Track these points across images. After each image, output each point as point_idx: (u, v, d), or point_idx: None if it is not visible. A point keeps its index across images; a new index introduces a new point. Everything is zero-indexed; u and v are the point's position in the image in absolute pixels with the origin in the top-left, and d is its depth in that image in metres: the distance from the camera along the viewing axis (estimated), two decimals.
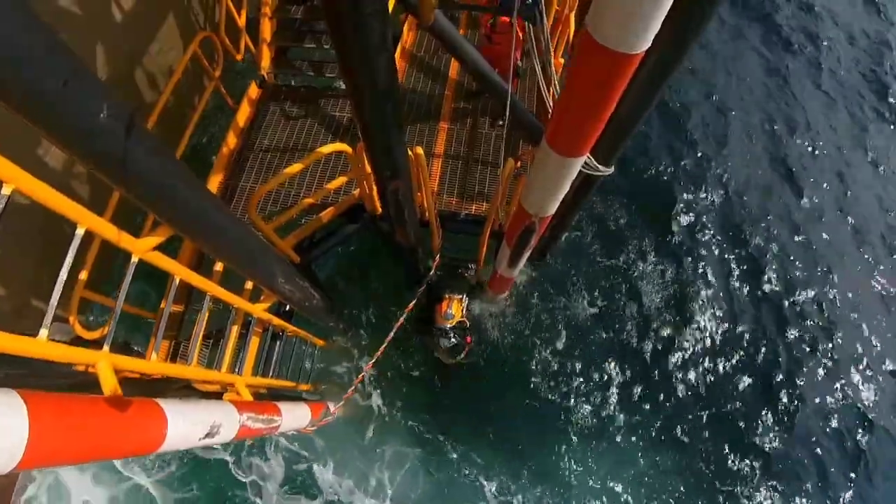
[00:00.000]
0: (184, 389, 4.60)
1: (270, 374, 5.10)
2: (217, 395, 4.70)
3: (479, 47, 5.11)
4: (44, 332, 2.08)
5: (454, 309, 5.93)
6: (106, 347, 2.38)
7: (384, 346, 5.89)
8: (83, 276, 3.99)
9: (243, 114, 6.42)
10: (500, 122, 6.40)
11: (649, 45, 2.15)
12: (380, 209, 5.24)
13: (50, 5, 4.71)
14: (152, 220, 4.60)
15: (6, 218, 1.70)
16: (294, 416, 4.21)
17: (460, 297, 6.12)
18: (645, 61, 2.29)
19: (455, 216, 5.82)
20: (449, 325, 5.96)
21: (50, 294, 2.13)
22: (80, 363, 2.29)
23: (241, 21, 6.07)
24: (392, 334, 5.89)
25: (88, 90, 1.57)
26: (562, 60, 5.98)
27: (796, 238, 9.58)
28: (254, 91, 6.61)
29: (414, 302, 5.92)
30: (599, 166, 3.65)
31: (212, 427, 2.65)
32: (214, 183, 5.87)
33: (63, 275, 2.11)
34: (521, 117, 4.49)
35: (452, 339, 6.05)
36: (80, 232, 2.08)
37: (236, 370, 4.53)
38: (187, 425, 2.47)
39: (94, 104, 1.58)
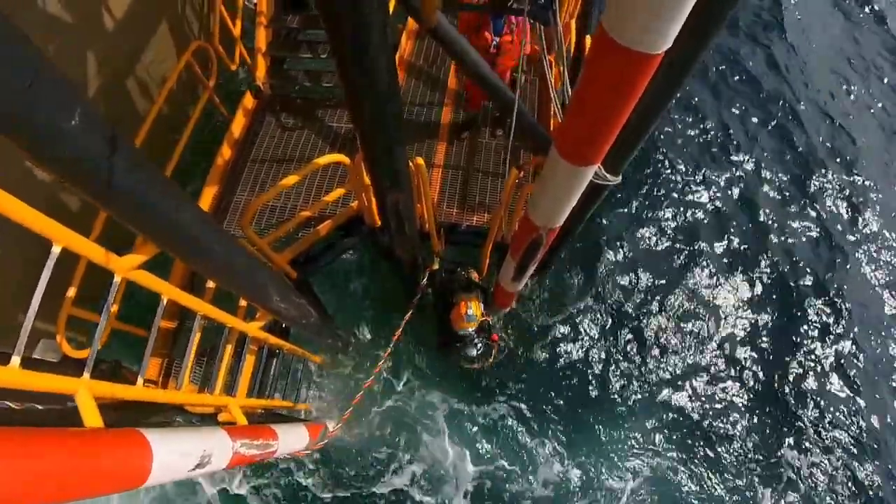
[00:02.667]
0: (175, 411, 4.42)
1: (266, 393, 4.91)
2: (211, 416, 4.52)
3: None
4: (16, 360, 1.90)
5: (474, 309, 5.42)
6: (86, 374, 2.20)
7: (381, 362, 5.71)
8: (71, 292, 3.83)
9: (238, 124, 6.27)
10: (500, 132, 6.28)
11: (671, 44, 2.00)
12: (379, 222, 5.09)
13: (39, 13, 4.58)
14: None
15: None
16: (291, 439, 4.02)
17: (475, 295, 5.64)
18: (661, 62, 2.14)
19: (456, 227, 5.67)
20: (472, 329, 5.53)
21: (45, 312, 1.97)
22: (57, 392, 2.11)
23: (236, 30, 5.95)
24: (391, 349, 5.69)
25: (57, 93, 1.41)
26: (560, 68, 5.86)
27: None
28: (249, 101, 6.48)
29: (410, 314, 5.68)
30: (608, 175, 3.50)
31: (202, 457, 2.47)
32: (209, 196, 5.71)
33: (37, 296, 1.94)
34: (525, 125, 4.34)
35: (479, 346, 5.66)
36: (55, 251, 1.91)
37: (230, 391, 4.35)
38: (175, 457, 2.29)
39: (64, 108, 1.42)
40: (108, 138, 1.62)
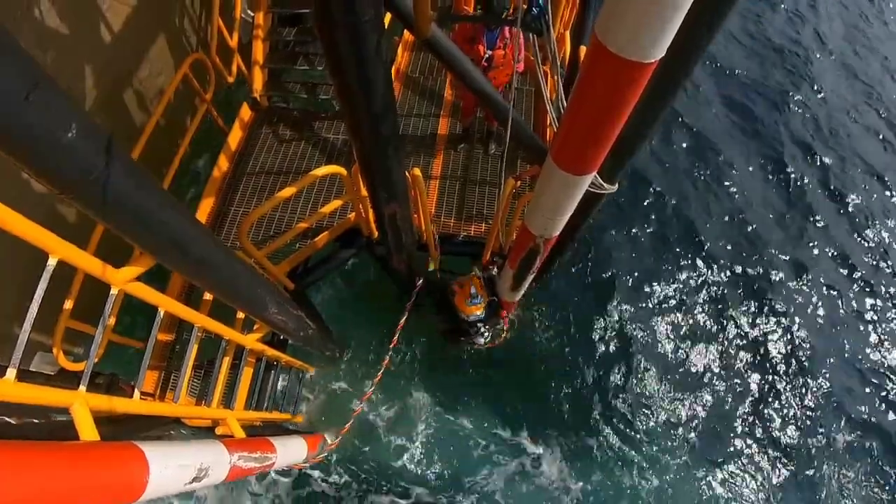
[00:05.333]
0: (172, 424, 4.38)
1: (264, 406, 4.89)
2: (208, 429, 4.50)
3: None
4: (11, 373, 1.89)
5: (476, 288, 5.21)
6: (82, 388, 2.19)
7: (381, 372, 5.67)
8: (68, 304, 3.80)
9: (235, 137, 6.29)
10: (493, 149, 6.30)
11: (664, 53, 2.02)
12: (376, 233, 5.09)
13: (36, 27, 4.60)
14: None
15: None
16: (290, 452, 4.00)
17: (473, 274, 5.41)
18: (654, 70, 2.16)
19: (453, 238, 5.67)
20: (480, 313, 5.28)
21: (42, 324, 1.96)
22: (52, 405, 2.10)
23: (233, 43, 5.97)
24: (388, 357, 5.65)
25: (54, 105, 1.41)
26: (555, 78, 5.90)
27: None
28: (246, 113, 6.50)
29: (404, 319, 5.61)
30: (604, 184, 3.51)
31: (199, 470, 2.45)
32: (206, 208, 5.72)
33: (34, 308, 1.94)
34: (520, 135, 4.36)
35: (486, 335, 5.47)
36: (51, 263, 1.90)
37: (228, 403, 4.33)
38: (172, 470, 2.27)
39: (61, 120, 1.42)
40: (106, 150, 1.62)
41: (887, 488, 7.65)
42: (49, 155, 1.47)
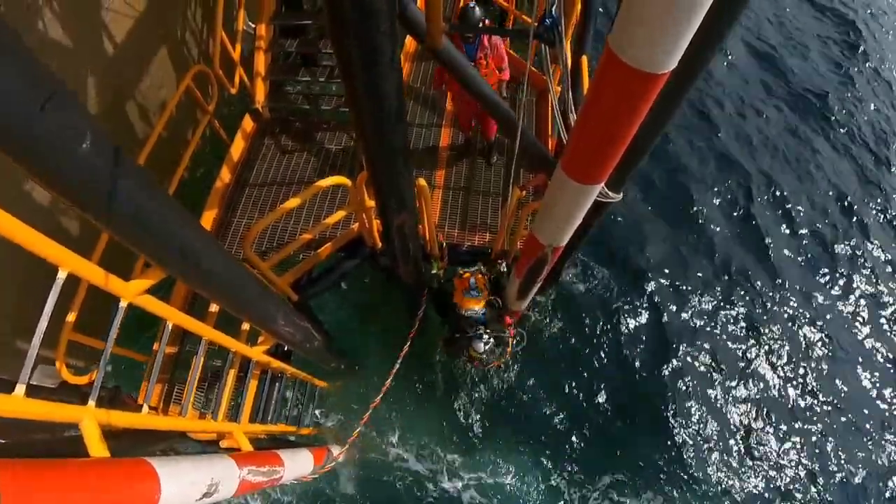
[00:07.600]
0: (177, 438, 4.33)
1: (270, 418, 4.84)
2: (213, 443, 4.45)
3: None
4: (20, 388, 1.87)
5: (476, 280, 4.95)
6: (91, 402, 2.16)
7: (388, 381, 5.61)
8: (71, 317, 3.77)
9: (238, 148, 6.28)
10: (495, 160, 6.31)
11: (676, 63, 2.02)
12: (380, 243, 5.06)
13: (37, 37, 4.58)
14: (144, 260, 4.40)
15: None
16: (297, 465, 3.95)
17: (477, 269, 5.13)
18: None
19: (457, 248, 5.66)
20: (480, 309, 4.97)
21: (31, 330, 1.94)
22: (61, 420, 2.07)
23: (236, 54, 5.97)
24: (397, 366, 5.56)
25: (70, 116, 1.40)
26: (559, 88, 5.91)
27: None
28: (248, 124, 6.50)
29: (415, 330, 5.55)
30: (609, 193, 3.51)
31: (210, 486, 2.42)
32: (208, 219, 5.70)
33: (43, 324, 1.91)
34: (527, 145, 4.36)
35: (487, 339, 5.01)
36: (62, 276, 1.88)
37: (234, 417, 4.29)
38: (183, 486, 2.23)
39: (77, 132, 1.41)
40: (119, 162, 1.61)
41: None
42: (63, 166, 1.45)
